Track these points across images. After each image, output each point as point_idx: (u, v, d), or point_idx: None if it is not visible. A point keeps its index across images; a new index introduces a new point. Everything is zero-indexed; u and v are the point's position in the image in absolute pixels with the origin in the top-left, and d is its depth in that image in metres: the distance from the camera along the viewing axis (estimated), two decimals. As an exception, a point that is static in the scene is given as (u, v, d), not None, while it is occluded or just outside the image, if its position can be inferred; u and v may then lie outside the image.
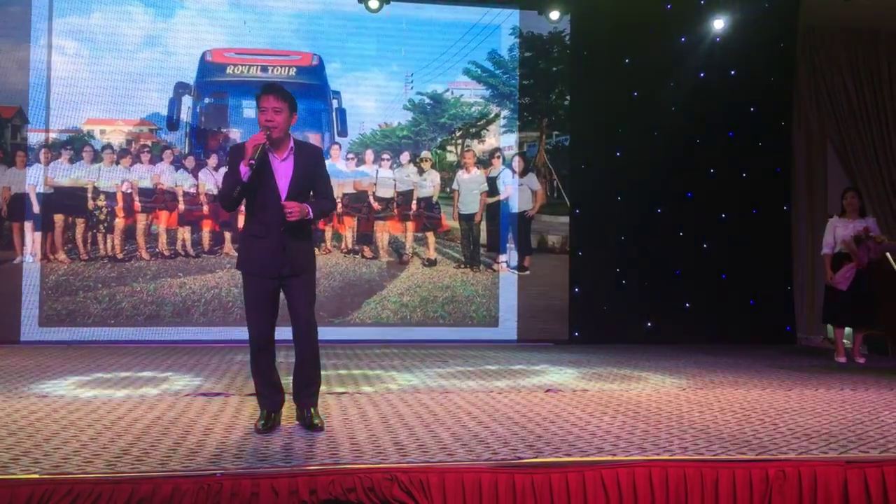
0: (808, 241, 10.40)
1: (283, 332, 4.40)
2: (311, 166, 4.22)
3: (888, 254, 8.69)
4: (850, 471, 3.66)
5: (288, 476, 3.35)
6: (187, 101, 8.98)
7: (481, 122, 9.58)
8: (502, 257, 9.49)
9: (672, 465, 3.61)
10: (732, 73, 9.71)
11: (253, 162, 3.96)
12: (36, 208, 8.68)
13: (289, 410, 4.38)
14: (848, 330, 7.95)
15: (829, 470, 3.66)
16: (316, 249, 4.86)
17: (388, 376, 6.32)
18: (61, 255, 8.72)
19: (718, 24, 9.43)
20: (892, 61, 10.53)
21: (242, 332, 8.52)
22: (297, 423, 4.30)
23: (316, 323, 4.33)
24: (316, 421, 4.21)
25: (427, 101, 9.46)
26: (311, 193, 4.27)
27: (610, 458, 3.63)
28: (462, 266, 9.43)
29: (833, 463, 3.68)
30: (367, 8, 9.05)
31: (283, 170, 4.13)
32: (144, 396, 5.18)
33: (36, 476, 3.22)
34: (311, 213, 4.12)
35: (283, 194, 4.11)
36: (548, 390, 5.62)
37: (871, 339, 8.58)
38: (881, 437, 4.10)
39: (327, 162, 5.01)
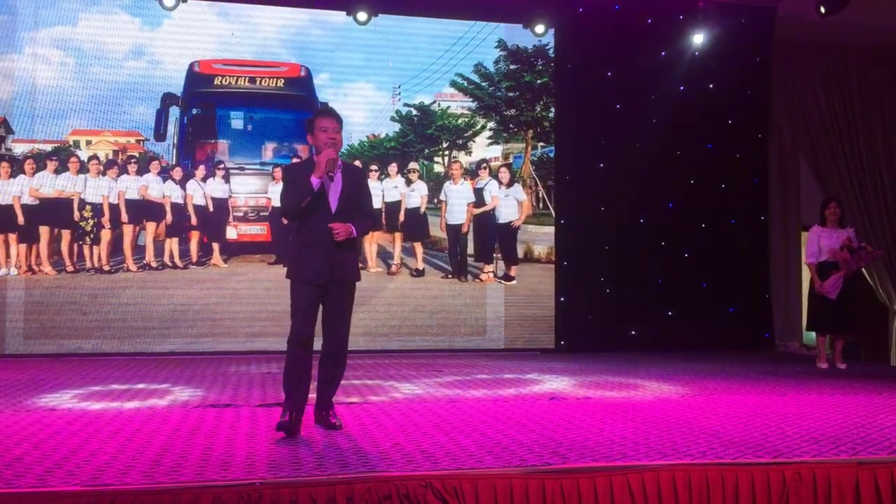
0: (781, 249, 10.70)
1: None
2: (356, 184, 4.54)
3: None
4: (862, 472, 3.81)
5: (326, 484, 3.40)
6: (175, 111, 8.96)
7: (468, 134, 9.70)
8: (489, 267, 9.59)
9: (694, 468, 3.73)
10: (711, 86, 9.95)
11: (332, 174, 4.31)
12: (20, 220, 8.56)
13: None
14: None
15: (842, 471, 3.81)
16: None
17: (388, 386, 6.37)
18: (47, 267, 8.63)
19: (697, 38, 9.68)
20: (862, 75, 10.90)
21: (231, 344, 8.62)
22: (315, 426, 4.50)
23: (348, 334, 4.57)
24: (334, 421, 4.51)
25: (414, 112, 9.56)
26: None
27: (634, 463, 3.74)
28: (449, 276, 9.53)
29: (845, 465, 3.84)
30: (355, 20, 9.12)
31: (332, 185, 4.41)
32: (154, 408, 5.18)
33: (77, 488, 3.23)
34: (355, 233, 4.42)
35: (333, 206, 4.39)
36: (552, 398, 5.73)
37: (844, 345, 8.80)
38: (884, 440, 4.27)
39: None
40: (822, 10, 8.73)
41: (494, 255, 9.62)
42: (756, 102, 10.17)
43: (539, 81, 9.81)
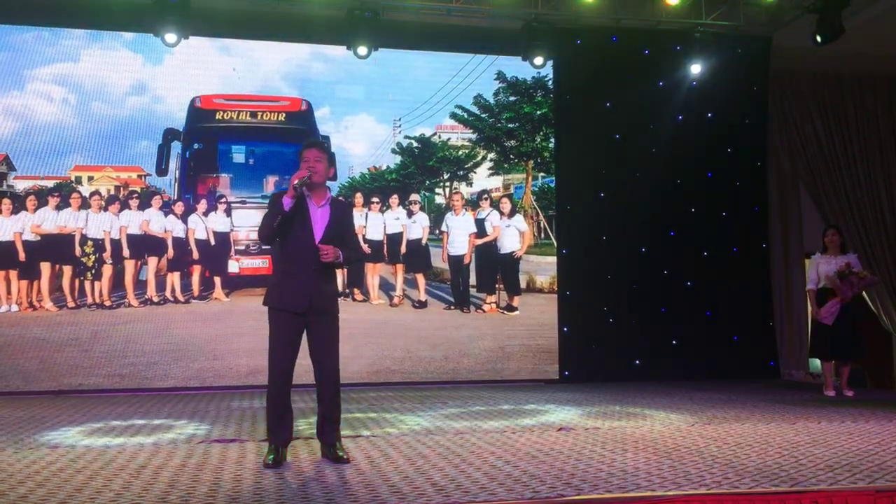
0: (784, 277, 10.68)
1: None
2: (343, 218, 4.55)
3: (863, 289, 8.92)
4: (880, 500, 3.76)
5: (337, 520, 3.35)
6: (176, 146, 8.98)
7: (468, 165, 9.72)
8: (492, 298, 9.56)
9: (710, 498, 3.67)
10: (709, 115, 10.00)
11: (298, 189, 4.25)
12: (22, 256, 8.53)
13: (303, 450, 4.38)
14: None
15: (860, 500, 3.76)
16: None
17: (394, 419, 6.30)
18: (48, 304, 8.59)
19: (695, 68, 9.72)
20: (858, 104, 10.97)
21: (234, 378, 8.54)
22: (323, 460, 4.46)
23: (338, 363, 4.53)
24: (341, 454, 4.43)
25: (415, 144, 9.60)
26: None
27: (650, 493, 3.69)
28: (452, 307, 9.50)
29: (863, 493, 3.78)
30: (356, 54, 9.15)
31: (319, 216, 4.42)
32: (158, 444, 5.11)
33: (85, 527, 3.17)
34: (341, 258, 4.40)
35: (318, 238, 4.38)
36: (560, 429, 5.67)
37: (850, 372, 8.75)
38: (900, 467, 4.23)
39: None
40: (818, 39, 8.79)
41: (497, 285, 9.60)
42: (754, 131, 10.20)
43: (539, 112, 9.86)
